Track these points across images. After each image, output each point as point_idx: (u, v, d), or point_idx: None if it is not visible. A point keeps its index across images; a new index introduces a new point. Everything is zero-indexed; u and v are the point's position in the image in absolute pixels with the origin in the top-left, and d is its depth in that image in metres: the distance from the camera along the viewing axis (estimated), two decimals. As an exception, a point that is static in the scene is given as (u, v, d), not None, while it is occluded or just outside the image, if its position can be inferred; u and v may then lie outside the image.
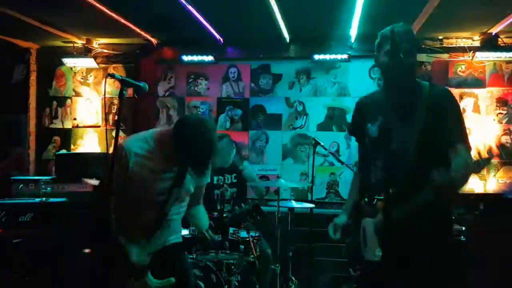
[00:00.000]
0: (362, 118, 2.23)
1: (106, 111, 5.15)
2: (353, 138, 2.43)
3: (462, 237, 3.90)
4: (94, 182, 4.16)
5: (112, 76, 1.99)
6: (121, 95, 1.99)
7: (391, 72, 1.98)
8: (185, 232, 2.90)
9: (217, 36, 4.78)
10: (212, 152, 2.22)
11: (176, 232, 2.53)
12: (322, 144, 4.22)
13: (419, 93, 2.10)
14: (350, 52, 4.75)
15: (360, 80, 4.76)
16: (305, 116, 4.90)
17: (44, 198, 3.82)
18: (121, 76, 2.03)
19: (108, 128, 4.92)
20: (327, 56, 4.76)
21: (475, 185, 4.59)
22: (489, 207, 4.24)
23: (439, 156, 2.01)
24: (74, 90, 5.27)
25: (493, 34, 4.47)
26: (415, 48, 2.08)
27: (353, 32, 4.53)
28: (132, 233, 2.31)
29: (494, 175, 4.59)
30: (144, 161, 2.25)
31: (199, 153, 2.19)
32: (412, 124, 2.06)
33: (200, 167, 2.31)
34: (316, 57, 4.77)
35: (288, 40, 4.83)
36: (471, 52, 4.63)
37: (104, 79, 5.08)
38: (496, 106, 4.65)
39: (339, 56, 4.75)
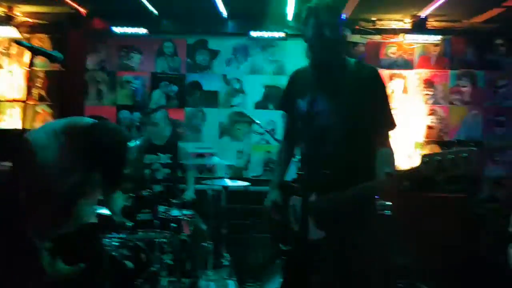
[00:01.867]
0: (293, 93, 2.21)
1: (30, 84, 4.84)
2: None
3: (387, 211, 4.07)
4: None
5: (19, 43, 1.85)
6: (31, 64, 1.85)
7: (315, 48, 1.97)
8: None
9: (151, 8, 4.59)
10: (123, 165, 2.20)
11: (86, 219, 2.44)
12: (258, 122, 4.22)
13: (347, 71, 2.11)
14: (287, 30, 4.75)
15: (297, 59, 4.75)
16: (242, 94, 4.87)
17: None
18: (30, 44, 1.89)
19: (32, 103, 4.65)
20: (264, 34, 4.73)
21: (401, 161, 4.80)
22: (413, 182, 4.46)
23: (363, 137, 2.04)
24: (-5, 60, 4.90)
25: (422, 17, 4.63)
26: (341, 24, 2.06)
27: (290, 10, 4.52)
28: (40, 225, 2.18)
29: (420, 153, 4.82)
30: (52, 156, 2.11)
31: (114, 163, 2.14)
32: (339, 102, 2.06)
33: (111, 178, 2.24)
34: (253, 34, 4.73)
35: (225, 16, 4.74)
36: (402, 34, 4.78)
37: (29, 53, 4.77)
38: (424, 87, 4.86)
39: (276, 34, 4.74)
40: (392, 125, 2.09)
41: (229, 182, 3.83)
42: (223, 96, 4.86)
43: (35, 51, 1.85)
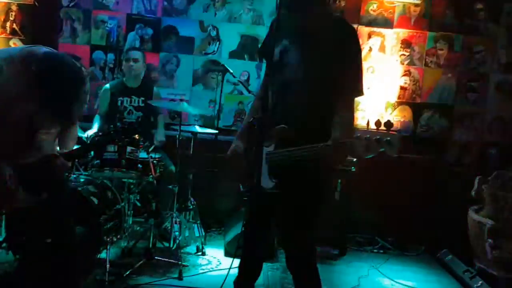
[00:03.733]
0: (272, 39, 2.15)
1: (3, 18, 4.69)
2: (264, 68, 2.40)
3: (353, 168, 4.18)
4: None
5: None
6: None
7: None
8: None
9: None
10: (71, 100, 2.16)
11: (46, 152, 2.40)
12: (231, 71, 4.22)
13: (324, 26, 2.06)
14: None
15: (275, 10, 4.70)
16: (218, 42, 4.82)
17: None
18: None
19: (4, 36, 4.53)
20: (244, -19, 4.65)
21: (371, 121, 4.87)
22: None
23: (327, 96, 2.03)
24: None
25: (404, -25, 4.60)
26: None
27: (272, -42, 4.42)
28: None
29: (391, 113, 4.90)
30: (6, 81, 2.08)
31: (61, 96, 2.13)
32: (311, 55, 2.05)
33: (58, 111, 2.21)
34: (233, -20, 4.64)
35: (205, -41, 4.62)
36: (384, -9, 4.74)
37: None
38: (401, 47, 4.87)
39: (256, -18, 4.66)
40: (359, 92, 2.08)
41: (198, 129, 3.88)
42: (198, 43, 4.81)
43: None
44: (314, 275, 2.21)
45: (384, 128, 1.88)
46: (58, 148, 2.64)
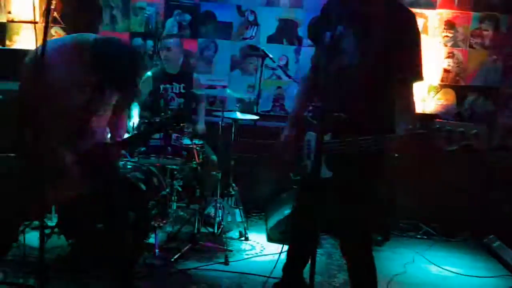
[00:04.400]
0: (323, 23, 2.16)
1: (47, 6, 4.75)
2: (303, 52, 2.38)
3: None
4: None
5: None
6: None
7: None
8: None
9: None
10: (132, 75, 2.27)
11: (100, 138, 2.50)
12: (271, 56, 4.19)
13: (381, 10, 2.01)
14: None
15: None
16: (256, 27, 4.77)
17: (-24, 95, 3.63)
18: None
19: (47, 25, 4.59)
20: (283, -36, 4.57)
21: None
22: (425, 126, 4.46)
23: (385, 83, 2.00)
24: (7, -19, 4.81)
25: (449, -47, 4.42)
26: None
27: None
28: (55, 138, 2.24)
29: (433, 97, 4.77)
30: (62, 70, 2.14)
31: (122, 73, 2.19)
32: (369, 41, 2.00)
33: (122, 86, 2.28)
34: (271, -37, 4.57)
35: None
36: (427, -29, 4.58)
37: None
38: (444, 28, 4.71)
39: (294, -35, 4.58)
40: (418, 76, 2.03)
41: (239, 115, 3.87)
42: (236, 28, 4.77)
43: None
44: (371, 261, 2.20)
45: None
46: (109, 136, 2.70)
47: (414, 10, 4.51)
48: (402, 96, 2.02)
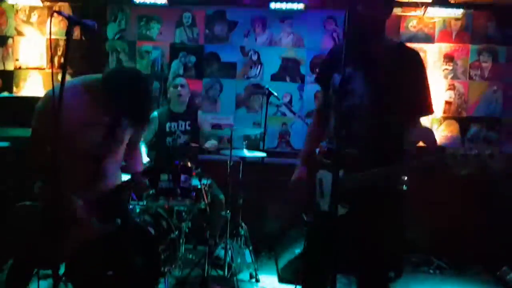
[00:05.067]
0: (330, 66, 2.22)
1: (52, 52, 4.88)
2: (306, 89, 2.46)
3: (404, 186, 4.11)
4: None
5: (59, 13, 1.87)
6: (68, 34, 1.85)
7: (350, 24, 1.96)
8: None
9: (171, -22, 4.58)
10: (147, 101, 2.31)
11: (113, 180, 2.50)
12: (275, 94, 4.25)
13: (387, 51, 2.09)
14: (306, 2, 4.70)
15: (315, 32, 4.75)
16: (259, 66, 4.87)
17: (-15, 143, 3.67)
18: (69, 14, 1.92)
19: (53, 71, 4.70)
20: (283, 5, 4.70)
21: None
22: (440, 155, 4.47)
23: (396, 120, 2.05)
24: (16, 29, 4.93)
25: (444, -10, 4.55)
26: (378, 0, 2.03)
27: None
28: (67, 185, 2.23)
29: (437, 129, 4.81)
30: (74, 110, 2.17)
31: (135, 102, 2.20)
32: (375, 81, 2.07)
33: (139, 116, 2.29)
34: (272, 5, 4.70)
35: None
36: (423, 7, 4.70)
37: (49, 17, 4.80)
38: (443, 61, 4.81)
39: (295, 6, 4.70)
40: (429, 111, 2.09)
41: (246, 153, 3.89)
42: (240, 68, 4.87)
43: (73, 21, 1.88)
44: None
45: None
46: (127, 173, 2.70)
47: (413, 44, 4.73)
48: (414, 129, 2.08)
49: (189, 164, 3.45)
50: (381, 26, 2.15)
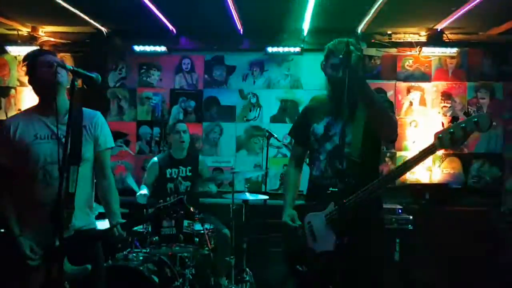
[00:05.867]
0: (307, 121, 2.43)
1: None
2: None
3: (409, 225, 4.07)
4: None
5: (63, 66, 1.91)
6: (72, 87, 1.90)
7: (341, 86, 2.05)
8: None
9: (170, 27, 4.70)
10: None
11: (84, 216, 2.24)
12: (275, 136, 4.26)
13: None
14: (302, 45, 4.81)
15: (313, 73, 4.83)
16: (258, 108, 4.92)
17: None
18: (73, 67, 1.95)
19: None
20: (280, 49, 4.81)
21: (421, 175, 4.79)
22: (434, 196, 4.44)
23: (374, 150, 2.32)
24: (18, 80, 5.02)
25: (438, 30, 4.66)
26: (359, 63, 2.11)
27: (306, 25, 4.58)
28: (31, 219, 2.12)
29: (439, 166, 4.80)
30: (23, 126, 2.15)
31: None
32: (354, 122, 2.26)
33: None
34: (270, 49, 4.81)
35: (241, 32, 4.82)
36: (418, 47, 4.80)
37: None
38: (441, 99, 4.86)
39: (292, 49, 4.81)
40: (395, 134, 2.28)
41: (249, 196, 3.86)
42: (239, 111, 4.92)
43: (77, 74, 1.91)
44: None
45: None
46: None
47: (410, 83, 4.80)
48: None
49: (191, 209, 3.41)
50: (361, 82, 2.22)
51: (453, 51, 4.75)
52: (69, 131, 1.89)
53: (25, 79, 2.24)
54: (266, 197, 4.02)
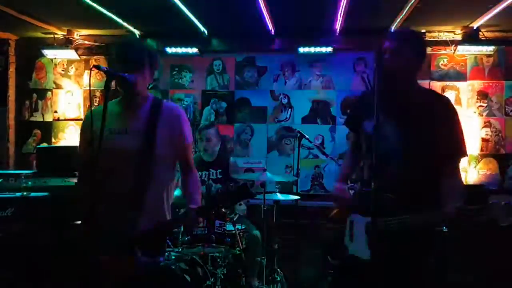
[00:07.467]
0: (360, 114, 2.26)
1: (90, 104, 5.06)
2: (338, 130, 2.47)
3: (444, 227, 3.96)
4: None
5: (98, 67, 1.93)
6: (106, 87, 1.91)
7: (379, 76, 1.95)
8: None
9: (202, 28, 4.74)
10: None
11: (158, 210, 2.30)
12: (307, 136, 4.23)
13: (417, 98, 2.11)
14: (334, 45, 4.76)
15: (344, 73, 4.79)
16: (290, 109, 4.91)
17: (25, 193, 3.74)
18: (107, 68, 1.98)
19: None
20: (312, 49, 4.78)
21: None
22: (470, 198, 4.31)
23: (430, 164, 2.04)
24: (54, 83, 5.17)
25: (474, 28, 4.53)
26: (409, 48, 2.05)
27: (338, 25, 4.54)
28: (108, 210, 2.10)
29: (475, 167, 4.67)
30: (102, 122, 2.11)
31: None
32: (408, 129, 2.08)
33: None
34: (301, 50, 4.78)
35: (273, 33, 4.81)
36: (453, 45, 4.69)
37: (88, 71, 5.03)
38: (477, 99, 4.73)
39: (323, 49, 4.77)
40: (462, 153, 2.09)
41: (280, 197, 3.85)
42: (271, 112, 4.92)
43: (111, 74, 1.94)
44: None
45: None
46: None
47: (445, 82, 4.68)
48: (449, 174, 2.03)
49: (223, 209, 3.42)
50: (411, 75, 2.14)
51: (489, 49, 4.61)
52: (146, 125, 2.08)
53: (61, 81, 2.29)
54: (297, 197, 4.00)
